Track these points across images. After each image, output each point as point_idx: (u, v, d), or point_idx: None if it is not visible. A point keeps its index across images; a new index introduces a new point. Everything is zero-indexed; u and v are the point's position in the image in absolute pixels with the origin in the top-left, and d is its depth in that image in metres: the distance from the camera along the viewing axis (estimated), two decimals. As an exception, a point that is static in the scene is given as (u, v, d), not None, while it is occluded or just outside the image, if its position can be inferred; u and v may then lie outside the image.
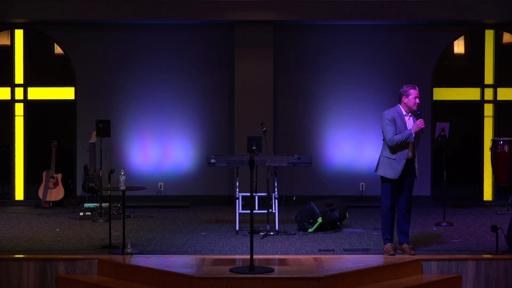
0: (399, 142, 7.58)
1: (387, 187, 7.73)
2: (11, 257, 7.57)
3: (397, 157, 7.64)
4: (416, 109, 7.69)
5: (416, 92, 7.66)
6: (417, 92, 7.67)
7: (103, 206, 10.26)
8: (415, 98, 7.65)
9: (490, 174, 11.75)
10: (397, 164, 7.63)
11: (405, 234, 7.83)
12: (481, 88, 11.99)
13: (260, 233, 8.87)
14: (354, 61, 11.85)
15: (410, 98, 7.65)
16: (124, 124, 11.83)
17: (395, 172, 7.64)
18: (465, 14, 11.44)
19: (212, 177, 11.80)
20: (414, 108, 7.67)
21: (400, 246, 7.84)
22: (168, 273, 7.00)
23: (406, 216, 7.79)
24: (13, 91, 11.92)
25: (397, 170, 7.63)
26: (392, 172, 7.66)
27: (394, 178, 7.66)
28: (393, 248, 7.76)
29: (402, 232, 7.83)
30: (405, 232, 7.82)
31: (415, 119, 7.70)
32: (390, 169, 7.66)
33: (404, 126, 7.64)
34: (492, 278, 7.42)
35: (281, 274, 6.90)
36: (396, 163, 7.64)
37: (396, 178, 7.65)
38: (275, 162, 9.05)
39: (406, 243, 7.82)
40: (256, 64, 11.59)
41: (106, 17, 11.49)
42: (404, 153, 7.63)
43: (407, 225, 7.82)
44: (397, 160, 7.64)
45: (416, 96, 7.65)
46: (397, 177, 7.65)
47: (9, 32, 11.91)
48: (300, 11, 11.41)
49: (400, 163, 7.62)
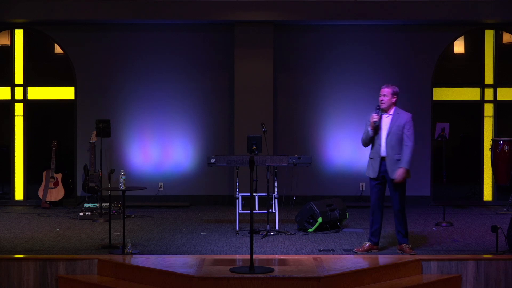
0: (364, 139, 7.91)
1: (371, 186, 7.92)
2: (11, 257, 7.56)
3: (373, 156, 7.86)
4: (383, 107, 7.84)
5: (381, 90, 7.86)
6: (381, 90, 7.86)
7: (103, 206, 10.26)
8: (379, 96, 7.85)
9: (490, 174, 11.75)
10: (375, 163, 7.83)
11: (401, 234, 7.85)
12: (481, 88, 12.00)
13: (260, 233, 8.87)
14: (354, 61, 11.86)
15: None
16: (124, 124, 11.83)
17: (374, 171, 7.83)
18: (465, 14, 11.44)
19: (212, 177, 11.80)
20: (380, 106, 7.84)
21: (400, 246, 7.86)
22: (168, 273, 7.00)
23: (398, 216, 7.83)
24: (13, 91, 11.93)
25: (375, 169, 7.82)
26: (372, 171, 7.87)
27: (374, 177, 7.83)
28: (366, 248, 7.86)
29: (398, 232, 7.88)
30: (400, 232, 7.85)
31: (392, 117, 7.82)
32: (371, 169, 7.88)
33: None
34: (492, 278, 7.42)
35: (281, 274, 6.90)
36: (374, 162, 7.84)
37: (375, 176, 7.82)
38: (275, 162, 9.05)
39: (405, 243, 7.83)
40: (256, 64, 11.60)
41: (106, 17, 11.49)
42: (378, 151, 7.80)
43: (401, 225, 7.83)
44: (374, 159, 7.84)
45: (380, 94, 7.85)
46: (375, 176, 7.82)
47: (9, 32, 11.91)
48: (300, 11, 11.41)
49: (376, 161, 7.81)
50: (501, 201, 11.56)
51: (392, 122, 7.79)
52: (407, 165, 7.69)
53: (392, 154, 7.75)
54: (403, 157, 7.70)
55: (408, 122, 7.78)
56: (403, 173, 7.68)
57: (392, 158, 7.75)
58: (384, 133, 7.80)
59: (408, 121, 7.78)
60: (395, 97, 7.85)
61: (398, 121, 7.78)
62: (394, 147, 7.75)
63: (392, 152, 7.75)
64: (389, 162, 7.76)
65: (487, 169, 11.84)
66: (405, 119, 7.79)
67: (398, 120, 7.78)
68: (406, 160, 7.69)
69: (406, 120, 7.78)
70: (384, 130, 7.81)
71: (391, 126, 7.78)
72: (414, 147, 7.75)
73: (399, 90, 7.89)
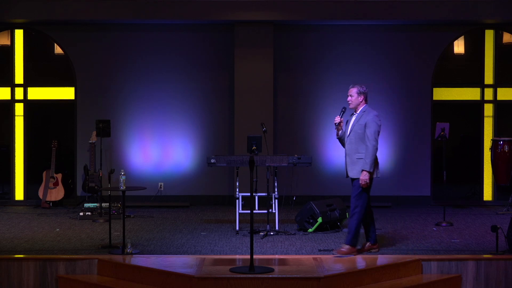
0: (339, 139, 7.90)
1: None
2: (11, 257, 7.56)
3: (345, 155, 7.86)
4: (350, 107, 7.81)
5: (348, 90, 7.81)
6: (349, 90, 7.80)
7: (103, 206, 10.26)
8: (347, 96, 7.83)
9: (490, 174, 11.75)
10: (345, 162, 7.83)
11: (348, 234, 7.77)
12: (481, 88, 12.00)
13: (260, 233, 8.87)
14: (354, 61, 11.86)
15: None
16: (124, 124, 11.83)
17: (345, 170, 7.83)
18: (465, 14, 11.44)
19: (212, 177, 11.80)
20: (349, 106, 7.83)
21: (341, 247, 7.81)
22: (168, 273, 7.00)
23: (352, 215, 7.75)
24: (13, 91, 11.93)
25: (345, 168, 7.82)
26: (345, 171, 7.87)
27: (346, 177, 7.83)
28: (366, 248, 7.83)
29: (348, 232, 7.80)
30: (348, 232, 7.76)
31: (357, 115, 7.76)
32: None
33: None
34: (492, 278, 7.42)
35: (281, 274, 6.90)
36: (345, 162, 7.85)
37: (346, 176, 7.82)
38: (275, 162, 9.05)
39: (347, 244, 7.70)
40: (256, 64, 11.60)
41: (106, 17, 11.49)
42: (345, 150, 7.81)
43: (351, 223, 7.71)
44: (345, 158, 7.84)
45: (347, 95, 7.81)
46: (346, 175, 7.81)
47: (9, 32, 11.91)
48: (300, 11, 11.41)
49: (345, 161, 7.81)
50: (501, 201, 11.56)
51: (355, 121, 7.71)
52: (367, 167, 7.53)
53: (352, 153, 7.68)
54: (364, 158, 7.58)
55: (369, 121, 7.61)
56: (364, 176, 7.54)
57: (352, 158, 7.68)
58: (347, 132, 7.77)
59: (369, 120, 7.61)
60: (362, 96, 7.73)
61: (361, 120, 7.66)
62: (353, 146, 7.67)
63: (352, 151, 7.68)
64: (349, 161, 7.72)
65: (487, 169, 11.84)
66: (368, 118, 7.63)
67: (362, 119, 7.67)
68: (366, 162, 7.55)
69: (368, 119, 7.63)
70: (348, 129, 7.77)
71: (354, 125, 7.70)
72: (375, 148, 7.57)
73: (366, 89, 7.77)
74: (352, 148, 7.69)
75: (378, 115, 7.71)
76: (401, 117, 11.88)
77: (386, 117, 11.84)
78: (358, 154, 7.64)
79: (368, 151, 7.56)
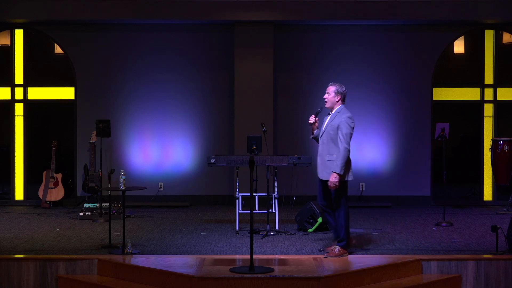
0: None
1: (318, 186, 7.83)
2: (11, 257, 7.56)
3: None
4: (327, 105, 7.77)
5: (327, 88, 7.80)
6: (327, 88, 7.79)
7: (103, 206, 10.26)
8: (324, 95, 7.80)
9: (490, 174, 11.75)
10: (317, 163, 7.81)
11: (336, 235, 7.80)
12: (481, 88, 12.00)
13: (260, 233, 8.87)
14: (354, 61, 11.86)
15: None
16: (124, 124, 11.83)
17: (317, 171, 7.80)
18: (465, 14, 11.44)
19: (212, 177, 11.80)
20: (325, 104, 7.79)
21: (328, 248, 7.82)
22: (168, 273, 7.00)
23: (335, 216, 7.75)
24: (13, 91, 11.93)
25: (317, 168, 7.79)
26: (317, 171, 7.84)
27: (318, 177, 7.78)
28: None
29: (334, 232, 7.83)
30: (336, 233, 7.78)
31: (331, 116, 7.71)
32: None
33: None
34: (492, 278, 7.42)
35: (281, 274, 6.90)
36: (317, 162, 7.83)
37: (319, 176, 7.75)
38: (275, 162, 9.05)
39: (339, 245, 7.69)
40: (256, 64, 11.59)
41: (106, 17, 11.49)
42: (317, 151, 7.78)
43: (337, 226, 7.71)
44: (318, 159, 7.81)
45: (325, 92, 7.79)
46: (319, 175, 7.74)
47: (9, 32, 11.91)
48: (300, 11, 11.41)
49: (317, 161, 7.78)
50: (501, 201, 11.56)
51: (329, 121, 7.65)
52: (338, 170, 7.45)
53: (324, 154, 7.63)
54: (335, 160, 7.50)
55: (342, 123, 7.52)
56: (334, 179, 7.46)
57: (323, 158, 7.63)
58: (320, 132, 7.72)
59: (342, 122, 7.53)
60: (339, 95, 7.67)
61: (334, 121, 7.59)
62: (325, 147, 7.61)
63: (324, 152, 7.63)
64: (320, 161, 7.68)
65: (487, 169, 11.84)
66: (340, 120, 7.55)
67: (335, 120, 7.60)
68: (337, 164, 7.46)
69: (341, 120, 7.54)
70: (321, 129, 7.73)
71: (327, 126, 7.64)
72: (347, 150, 7.48)
73: (345, 90, 7.72)
74: (324, 149, 7.64)
75: (351, 117, 7.60)
76: (401, 117, 11.88)
77: (386, 117, 11.85)
78: (329, 155, 7.57)
79: (340, 154, 7.48)
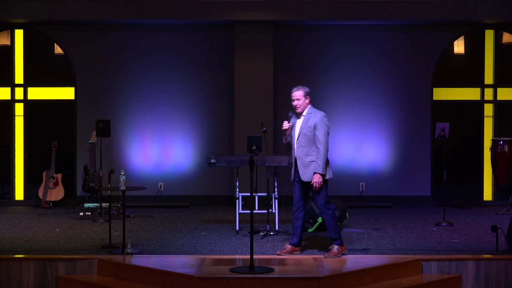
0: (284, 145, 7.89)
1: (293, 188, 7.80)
2: (11, 257, 7.56)
3: (292, 159, 7.82)
4: (298, 111, 7.73)
5: (292, 94, 7.75)
6: (293, 94, 7.75)
7: (103, 206, 10.26)
8: (293, 101, 7.74)
9: (490, 174, 11.75)
10: (293, 166, 7.77)
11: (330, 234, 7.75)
12: (481, 88, 12.00)
13: (260, 233, 8.87)
14: (354, 61, 11.86)
15: None
16: (124, 124, 11.83)
17: (292, 174, 7.77)
18: (465, 14, 11.44)
19: (212, 177, 11.80)
20: (296, 110, 7.75)
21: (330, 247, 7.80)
22: (168, 273, 7.00)
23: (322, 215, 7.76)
24: (13, 91, 11.93)
25: (293, 171, 7.75)
26: (291, 174, 7.80)
27: (292, 179, 7.76)
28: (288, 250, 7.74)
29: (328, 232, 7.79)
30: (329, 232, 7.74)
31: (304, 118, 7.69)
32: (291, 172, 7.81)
33: None
34: (492, 278, 7.42)
35: (281, 274, 6.90)
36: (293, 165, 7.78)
37: (292, 179, 7.74)
38: (275, 162, 9.05)
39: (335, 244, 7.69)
40: (256, 64, 11.59)
41: (106, 17, 11.49)
42: (293, 154, 7.73)
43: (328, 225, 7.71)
44: (293, 162, 7.79)
45: (293, 99, 7.74)
46: (292, 179, 7.74)
47: (9, 32, 11.91)
48: (300, 11, 11.41)
49: (293, 164, 7.75)
50: (501, 201, 11.56)
51: (303, 123, 7.64)
52: (320, 170, 7.49)
53: (303, 157, 7.61)
54: (316, 161, 7.52)
55: (318, 122, 7.56)
56: (318, 179, 7.50)
57: (303, 161, 7.61)
58: (296, 135, 7.69)
59: (318, 122, 7.56)
60: (308, 97, 7.69)
61: (309, 122, 7.60)
62: (304, 149, 7.61)
63: (303, 154, 7.62)
64: (300, 164, 7.65)
65: (487, 169, 11.84)
66: (316, 120, 7.58)
67: (309, 121, 7.61)
68: (319, 165, 7.49)
69: (316, 120, 7.57)
70: (296, 132, 7.69)
71: (302, 128, 7.64)
72: (326, 149, 7.53)
73: (309, 89, 7.74)
74: (302, 151, 7.62)
75: (325, 115, 7.65)
76: (401, 117, 11.88)
77: (386, 117, 11.85)
78: (309, 156, 7.58)
79: (320, 154, 7.51)
